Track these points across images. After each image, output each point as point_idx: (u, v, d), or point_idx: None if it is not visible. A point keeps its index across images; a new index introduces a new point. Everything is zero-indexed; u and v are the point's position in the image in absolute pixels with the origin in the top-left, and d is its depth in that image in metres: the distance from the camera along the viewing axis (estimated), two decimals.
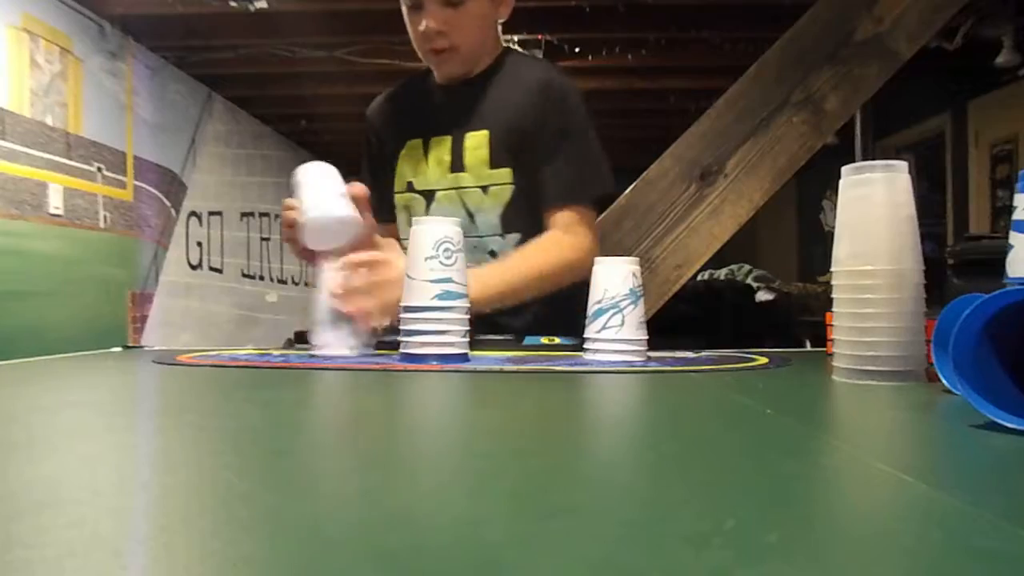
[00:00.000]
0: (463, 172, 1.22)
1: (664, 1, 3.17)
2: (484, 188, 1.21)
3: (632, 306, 0.93)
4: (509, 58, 1.30)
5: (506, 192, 1.21)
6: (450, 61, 1.23)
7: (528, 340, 1.16)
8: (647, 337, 0.96)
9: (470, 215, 1.22)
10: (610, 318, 0.93)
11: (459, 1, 1.17)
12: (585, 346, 0.96)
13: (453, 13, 1.17)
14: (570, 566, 0.25)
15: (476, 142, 1.22)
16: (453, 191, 1.22)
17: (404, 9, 1.22)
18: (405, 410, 0.65)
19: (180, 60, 3.80)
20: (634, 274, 0.94)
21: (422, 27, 1.18)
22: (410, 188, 1.26)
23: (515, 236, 1.22)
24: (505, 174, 1.21)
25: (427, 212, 1.24)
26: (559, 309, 1.26)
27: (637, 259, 0.97)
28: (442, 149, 1.24)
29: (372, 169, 1.35)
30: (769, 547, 0.26)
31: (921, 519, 0.31)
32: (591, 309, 0.96)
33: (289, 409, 0.67)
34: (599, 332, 0.94)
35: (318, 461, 0.43)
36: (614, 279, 0.94)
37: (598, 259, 0.97)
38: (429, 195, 1.25)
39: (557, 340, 1.14)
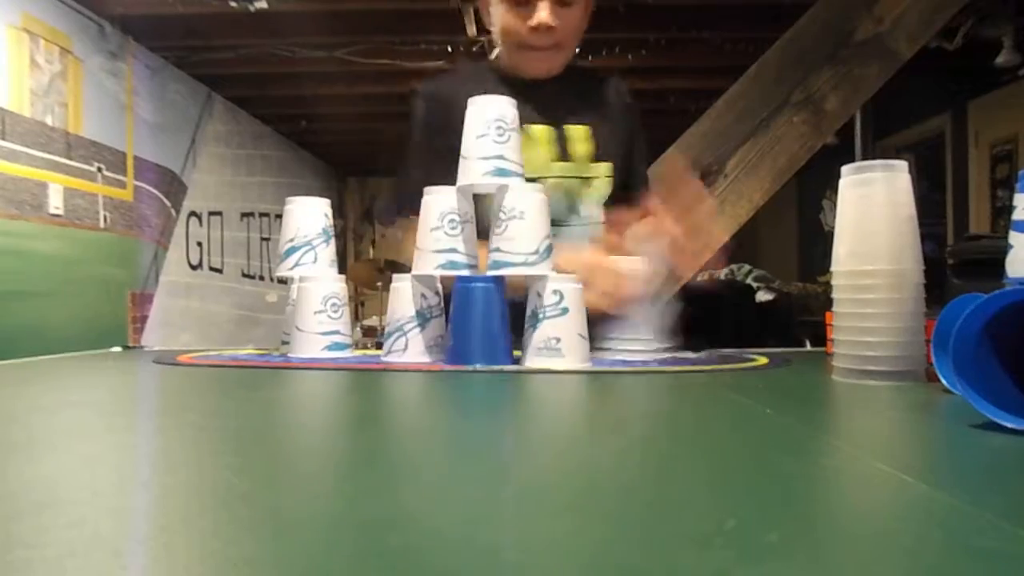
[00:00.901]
0: (569, 162, 1.25)
1: (664, 1, 3.17)
2: (587, 180, 1.25)
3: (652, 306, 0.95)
4: (573, 62, 1.35)
5: (605, 186, 1.26)
6: (551, 58, 1.25)
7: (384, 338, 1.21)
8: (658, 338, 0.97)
9: (571, 204, 1.25)
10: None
11: (571, 1, 1.21)
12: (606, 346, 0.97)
13: (563, 11, 1.20)
14: (571, 566, 0.25)
15: (580, 135, 1.25)
16: (556, 180, 1.24)
17: (504, 4, 1.21)
18: (405, 410, 0.65)
19: (180, 60, 3.80)
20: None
21: (535, 20, 1.18)
22: None
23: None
24: (606, 168, 1.25)
25: None
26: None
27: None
28: (545, 138, 1.24)
29: (431, 146, 1.26)
30: (770, 547, 0.26)
31: (921, 519, 0.31)
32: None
33: (289, 409, 0.67)
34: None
35: (318, 461, 0.43)
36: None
37: None
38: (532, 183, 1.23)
39: None
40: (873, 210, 0.74)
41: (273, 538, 0.28)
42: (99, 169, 3.17)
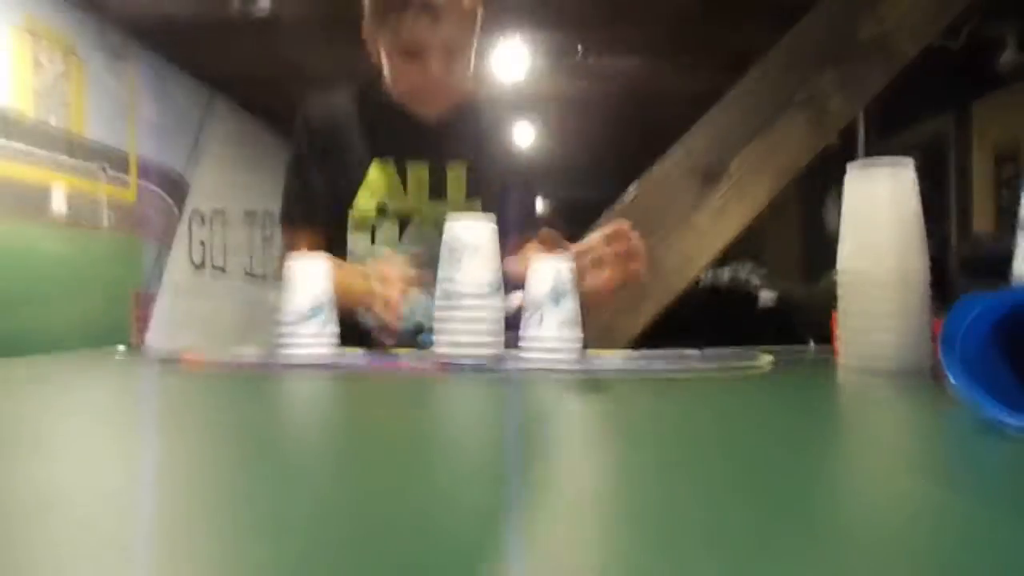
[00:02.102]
0: (443, 200, 1.27)
1: (667, 0, 3.17)
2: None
3: (553, 305, 0.90)
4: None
5: None
6: (443, 105, 1.26)
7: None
8: (577, 336, 0.92)
9: None
10: (531, 316, 0.90)
11: (459, 49, 1.19)
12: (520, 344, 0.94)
13: (452, 60, 1.19)
14: (580, 566, 0.25)
15: (456, 174, 1.28)
16: (431, 218, 1.25)
17: (389, 55, 1.21)
18: (408, 410, 0.65)
19: (183, 60, 3.81)
20: (559, 272, 0.91)
21: (427, 74, 1.18)
22: (381, 210, 1.27)
23: None
24: (478, 204, 1.26)
25: (401, 236, 1.27)
26: None
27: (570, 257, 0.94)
28: (421, 175, 1.27)
29: (309, 168, 1.29)
30: (778, 547, 0.26)
31: (930, 518, 0.31)
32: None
33: (293, 409, 0.67)
34: (523, 331, 0.91)
35: (323, 461, 0.43)
36: (538, 278, 0.91)
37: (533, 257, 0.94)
38: (405, 220, 1.27)
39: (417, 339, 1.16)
40: (878, 209, 0.74)
41: (278, 539, 0.28)
42: (102, 169, 3.18)
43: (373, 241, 1.27)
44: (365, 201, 1.26)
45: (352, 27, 1.30)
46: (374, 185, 1.26)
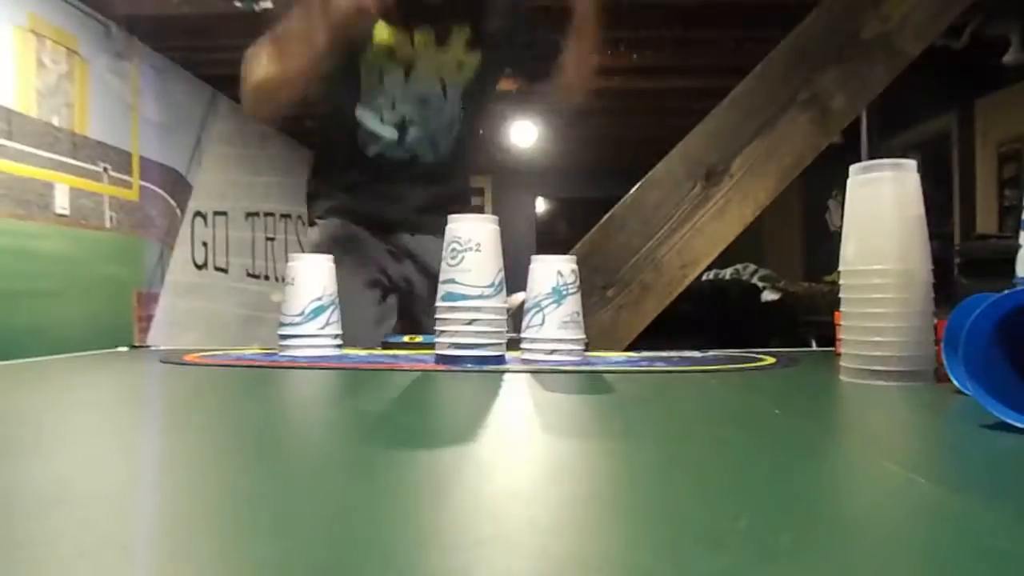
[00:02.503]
0: (445, 49, 1.37)
1: (669, 0, 3.16)
2: (459, 64, 1.40)
3: (554, 305, 0.91)
4: None
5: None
6: None
7: (390, 338, 1.22)
8: (579, 337, 0.94)
9: (444, 87, 1.39)
10: (532, 316, 0.92)
11: None
12: (521, 345, 0.95)
13: None
14: (582, 566, 0.25)
15: (460, 30, 1.38)
16: (433, 64, 1.37)
17: None
18: (411, 410, 0.65)
19: (185, 60, 3.81)
20: (560, 272, 0.92)
21: None
22: (390, 54, 1.36)
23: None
24: (478, 57, 1.39)
25: (407, 77, 1.38)
26: None
27: (573, 257, 0.95)
28: (427, 37, 1.36)
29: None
30: (782, 547, 0.26)
31: (932, 519, 0.31)
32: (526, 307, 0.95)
33: (295, 409, 0.67)
34: (524, 331, 0.93)
35: (324, 460, 0.43)
36: (541, 278, 0.93)
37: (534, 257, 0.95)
38: (409, 65, 1.37)
39: (420, 339, 1.17)
40: (881, 209, 0.74)
41: (280, 538, 0.28)
42: (105, 169, 3.18)
43: (381, 82, 1.37)
44: (376, 41, 1.36)
45: None
46: (383, 35, 1.36)
